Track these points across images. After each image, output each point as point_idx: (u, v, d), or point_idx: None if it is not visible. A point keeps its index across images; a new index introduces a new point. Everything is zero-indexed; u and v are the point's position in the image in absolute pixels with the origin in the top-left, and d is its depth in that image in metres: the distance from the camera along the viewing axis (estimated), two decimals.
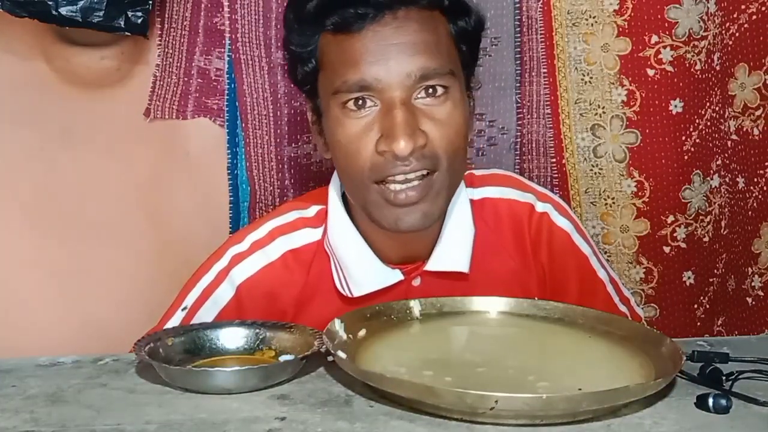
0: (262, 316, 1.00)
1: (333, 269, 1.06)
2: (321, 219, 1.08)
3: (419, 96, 0.96)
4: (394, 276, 1.05)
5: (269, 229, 1.08)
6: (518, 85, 1.43)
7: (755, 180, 1.46)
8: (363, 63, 0.94)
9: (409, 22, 0.96)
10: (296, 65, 1.03)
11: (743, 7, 1.41)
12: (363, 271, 1.04)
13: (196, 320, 1.03)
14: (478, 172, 1.14)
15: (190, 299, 1.05)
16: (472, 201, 1.10)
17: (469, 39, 1.03)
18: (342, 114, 0.97)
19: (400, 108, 0.94)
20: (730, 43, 1.42)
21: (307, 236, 1.07)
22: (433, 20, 0.98)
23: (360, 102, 0.96)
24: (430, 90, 0.96)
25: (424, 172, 0.96)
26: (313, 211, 1.09)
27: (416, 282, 1.06)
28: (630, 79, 1.39)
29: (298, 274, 1.06)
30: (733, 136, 1.45)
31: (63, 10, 1.22)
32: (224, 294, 1.05)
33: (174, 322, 1.04)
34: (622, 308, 1.14)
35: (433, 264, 1.06)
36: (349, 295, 1.04)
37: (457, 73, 0.99)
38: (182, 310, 1.05)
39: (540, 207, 1.11)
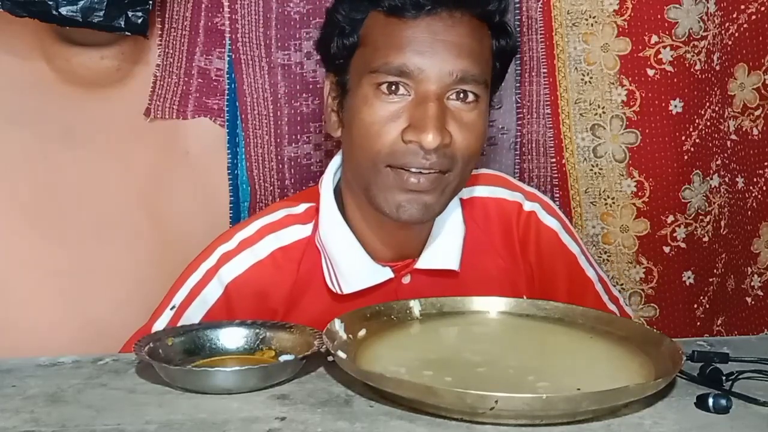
0: (251, 314, 1.00)
1: (323, 265, 1.06)
2: (310, 216, 1.08)
3: (451, 97, 0.97)
4: (385, 273, 1.05)
5: (258, 227, 1.08)
6: (518, 85, 1.43)
7: (755, 180, 1.46)
8: (409, 50, 0.96)
9: (461, 25, 0.97)
10: (334, 37, 1.02)
11: (743, 7, 1.41)
12: (353, 267, 1.05)
13: (184, 320, 1.03)
14: None
15: (178, 298, 1.05)
16: (462, 200, 1.10)
17: (504, 59, 1.05)
18: (373, 94, 0.97)
19: (435, 102, 0.95)
20: (730, 43, 1.42)
21: (296, 233, 1.08)
22: (481, 31, 1.00)
23: (393, 87, 0.97)
24: (462, 94, 0.98)
25: (439, 171, 0.97)
26: (301, 208, 1.10)
27: (406, 280, 1.07)
28: (630, 79, 1.39)
29: (287, 271, 1.06)
30: (733, 136, 1.45)
31: (63, 10, 1.22)
32: (213, 293, 1.05)
33: (162, 321, 1.04)
34: (612, 307, 1.14)
35: (424, 262, 1.06)
36: (339, 292, 1.04)
37: (488, 86, 1.01)
38: (170, 309, 1.05)
39: (528, 206, 1.13)
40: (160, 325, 1.03)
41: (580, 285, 1.13)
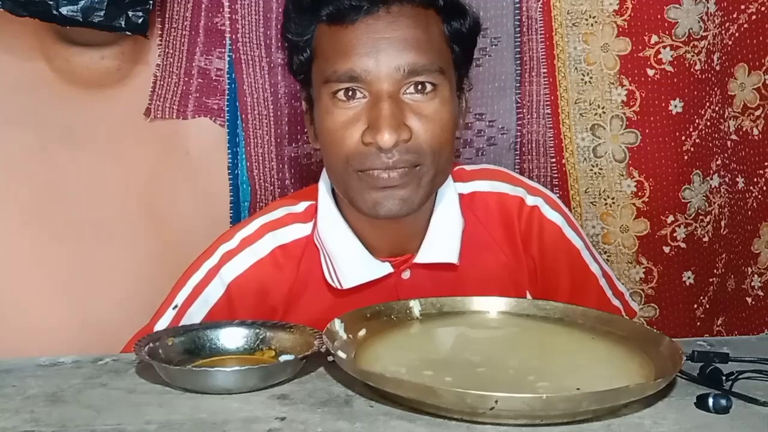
0: (252, 313, 1.01)
1: (322, 262, 1.06)
2: (310, 214, 1.09)
3: (408, 91, 0.97)
4: (384, 268, 1.06)
5: (258, 225, 1.08)
6: (518, 85, 1.43)
7: (755, 180, 1.46)
8: (354, 54, 0.96)
9: (402, 18, 0.97)
10: (293, 54, 1.04)
11: (743, 7, 1.41)
12: (352, 263, 1.05)
13: (186, 318, 1.04)
14: (468, 167, 1.15)
15: (180, 298, 1.06)
16: (461, 195, 1.11)
17: (463, 40, 1.04)
18: (331, 103, 0.98)
19: (387, 101, 0.96)
20: (730, 43, 1.42)
21: (296, 231, 1.08)
22: (426, 18, 0.99)
23: (350, 93, 0.97)
24: (419, 86, 0.98)
25: (407, 166, 0.97)
26: (302, 206, 1.10)
27: (406, 275, 1.07)
28: (630, 79, 1.39)
29: (287, 269, 1.07)
30: (733, 136, 1.45)
31: (64, 10, 1.22)
32: (215, 292, 1.05)
33: (165, 320, 1.04)
34: (616, 302, 1.14)
35: (423, 256, 1.06)
36: (339, 287, 1.04)
37: (447, 72, 1.00)
38: (173, 308, 1.05)
39: (530, 200, 1.12)
40: (162, 324, 1.03)
41: (583, 280, 1.13)
